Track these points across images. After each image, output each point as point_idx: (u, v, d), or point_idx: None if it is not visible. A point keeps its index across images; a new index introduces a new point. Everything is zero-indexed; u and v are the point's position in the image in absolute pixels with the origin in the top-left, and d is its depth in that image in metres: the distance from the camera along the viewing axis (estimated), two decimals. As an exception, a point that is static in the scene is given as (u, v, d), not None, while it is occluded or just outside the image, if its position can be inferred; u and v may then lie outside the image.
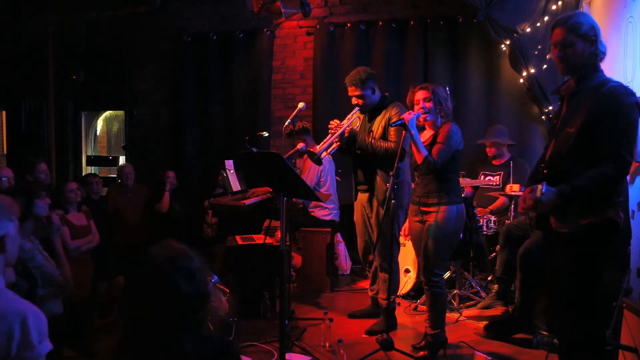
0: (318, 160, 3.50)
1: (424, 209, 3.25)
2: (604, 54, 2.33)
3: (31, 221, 2.93)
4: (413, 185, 3.60)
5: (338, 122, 3.63)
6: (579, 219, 2.24)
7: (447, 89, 3.32)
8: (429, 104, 3.20)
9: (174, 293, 1.31)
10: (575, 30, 2.29)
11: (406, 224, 3.52)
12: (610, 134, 2.18)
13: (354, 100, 3.68)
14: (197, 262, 1.40)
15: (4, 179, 4.05)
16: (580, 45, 2.29)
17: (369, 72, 3.66)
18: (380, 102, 3.72)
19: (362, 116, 3.81)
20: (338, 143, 3.61)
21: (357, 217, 3.92)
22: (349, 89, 3.67)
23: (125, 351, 1.33)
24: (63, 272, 3.01)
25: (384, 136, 3.60)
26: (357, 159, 3.78)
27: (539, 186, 2.15)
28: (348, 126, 3.60)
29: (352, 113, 3.69)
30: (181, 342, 1.32)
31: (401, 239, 4.35)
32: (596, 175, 2.17)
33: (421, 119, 3.24)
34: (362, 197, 3.80)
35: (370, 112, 3.73)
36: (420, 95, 3.24)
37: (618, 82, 2.29)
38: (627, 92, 2.25)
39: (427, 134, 3.30)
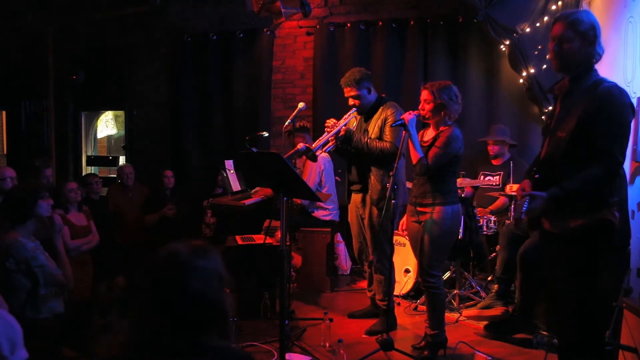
0: (313, 157, 3.49)
1: (419, 209, 3.25)
2: (600, 56, 2.31)
3: (33, 221, 2.94)
4: (409, 185, 3.61)
5: (335, 120, 3.63)
6: (571, 220, 2.24)
7: (455, 89, 3.24)
8: (428, 106, 3.19)
9: (188, 291, 1.28)
10: (575, 27, 2.27)
11: (403, 219, 3.52)
12: (602, 133, 2.18)
13: (351, 102, 3.68)
14: (217, 263, 1.37)
15: (7, 179, 4.04)
16: (578, 42, 2.27)
17: (363, 72, 3.66)
18: (377, 102, 3.72)
19: (358, 117, 3.81)
20: (334, 141, 3.62)
21: (351, 217, 3.92)
22: (345, 90, 3.67)
23: (129, 351, 1.31)
24: (65, 271, 3.02)
25: (380, 136, 3.60)
26: (351, 159, 3.78)
27: (522, 202, 2.18)
28: (344, 125, 3.60)
29: (349, 113, 3.69)
30: (196, 348, 1.28)
31: (403, 239, 4.37)
32: (587, 177, 2.17)
33: (420, 119, 3.24)
34: (356, 197, 3.80)
35: (367, 112, 3.73)
36: (422, 95, 3.23)
37: (612, 82, 2.29)
38: (622, 92, 2.25)
39: (430, 134, 3.29)
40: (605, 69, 2.43)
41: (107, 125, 8.89)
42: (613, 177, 2.21)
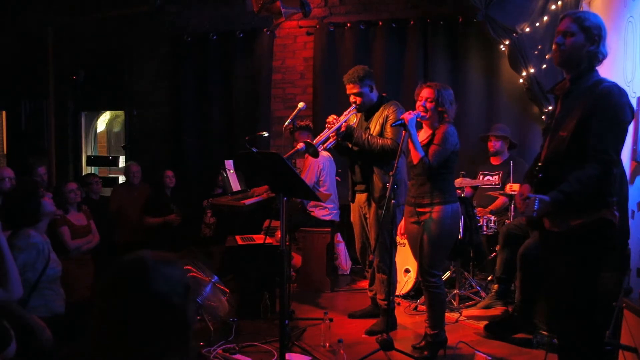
0: (315, 152, 3.48)
1: (419, 209, 3.24)
2: (604, 56, 2.31)
3: (45, 220, 2.96)
4: (409, 184, 3.60)
5: (336, 117, 3.63)
6: (570, 219, 2.24)
7: (452, 93, 3.27)
8: (430, 105, 3.19)
9: (147, 296, 1.23)
10: (580, 22, 2.28)
11: (402, 223, 3.52)
12: (598, 132, 2.19)
13: (352, 99, 3.69)
14: (182, 273, 1.31)
15: (5, 180, 4.03)
16: (581, 38, 2.28)
17: (366, 70, 3.67)
18: (378, 101, 3.73)
19: (359, 115, 3.81)
20: (335, 137, 3.61)
21: (354, 217, 3.92)
22: (347, 86, 3.68)
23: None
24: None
25: (381, 134, 3.60)
26: (354, 159, 3.78)
27: (532, 201, 2.17)
28: (345, 121, 3.61)
29: (349, 110, 3.69)
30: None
31: (402, 239, 4.36)
32: (584, 178, 2.18)
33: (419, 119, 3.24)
34: (360, 197, 3.79)
35: (368, 110, 3.74)
36: (425, 93, 3.23)
37: (613, 82, 2.29)
38: (621, 92, 2.25)
39: (425, 134, 3.29)
40: (605, 69, 2.43)
41: (104, 124, 8.90)
42: (607, 175, 2.21)
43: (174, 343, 1.26)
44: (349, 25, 5.79)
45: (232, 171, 5.02)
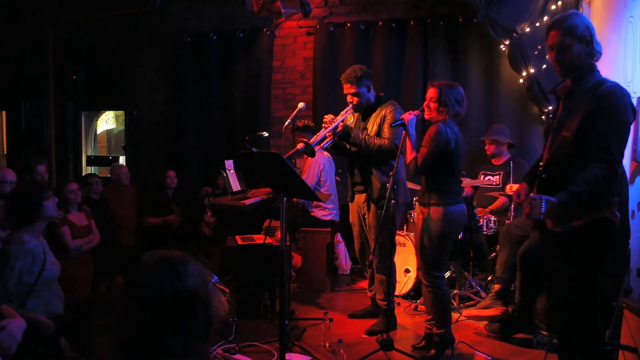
0: (312, 152, 3.47)
1: (421, 208, 3.29)
2: (600, 53, 2.34)
3: (42, 222, 2.94)
4: (412, 185, 3.61)
5: (332, 116, 3.63)
6: (573, 219, 2.24)
7: (462, 91, 3.23)
8: (434, 105, 3.17)
9: (157, 293, 1.27)
10: (572, 33, 2.30)
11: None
12: (601, 132, 2.20)
13: (349, 99, 3.68)
14: (191, 267, 1.35)
15: (7, 184, 4.01)
16: (577, 47, 2.31)
17: (364, 69, 3.66)
18: (375, 100, 3.72)
19: (356, 114, 3.81)
20: (331, 137, 3.61)
21: (353, 218, 3.92)
22: (345, 86, 3.67)
23: (117, 351, 1.30)
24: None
25: (379, 134, 3.60)
26: (353, 160, 3.78)
27: (538, 202, 2.15)
28: (341, 121, 3.60)
29: (346, 109, 3.70)
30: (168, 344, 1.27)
31: (403, 239, 4.37)
32: (590, 178, 2.18)
33: (426, 115, 3.22)
34: (359, 197, 3.79)
35: (365, 110, 3.73)
36: (429, 93, 3.21)
37: (614, 82, 2.30)
38: (623, 92, 2.27)
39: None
40: (605, 69, 2.44)
41: (107, 122, 8.90)
42: (614, 175, 2.22)
43: (201, 336, 1.30)
44: (349, 25, 5.79)
45: (232, 171, 5.03)
